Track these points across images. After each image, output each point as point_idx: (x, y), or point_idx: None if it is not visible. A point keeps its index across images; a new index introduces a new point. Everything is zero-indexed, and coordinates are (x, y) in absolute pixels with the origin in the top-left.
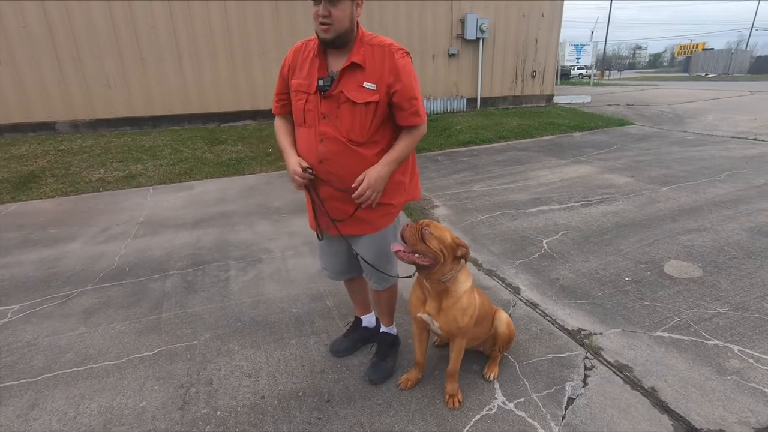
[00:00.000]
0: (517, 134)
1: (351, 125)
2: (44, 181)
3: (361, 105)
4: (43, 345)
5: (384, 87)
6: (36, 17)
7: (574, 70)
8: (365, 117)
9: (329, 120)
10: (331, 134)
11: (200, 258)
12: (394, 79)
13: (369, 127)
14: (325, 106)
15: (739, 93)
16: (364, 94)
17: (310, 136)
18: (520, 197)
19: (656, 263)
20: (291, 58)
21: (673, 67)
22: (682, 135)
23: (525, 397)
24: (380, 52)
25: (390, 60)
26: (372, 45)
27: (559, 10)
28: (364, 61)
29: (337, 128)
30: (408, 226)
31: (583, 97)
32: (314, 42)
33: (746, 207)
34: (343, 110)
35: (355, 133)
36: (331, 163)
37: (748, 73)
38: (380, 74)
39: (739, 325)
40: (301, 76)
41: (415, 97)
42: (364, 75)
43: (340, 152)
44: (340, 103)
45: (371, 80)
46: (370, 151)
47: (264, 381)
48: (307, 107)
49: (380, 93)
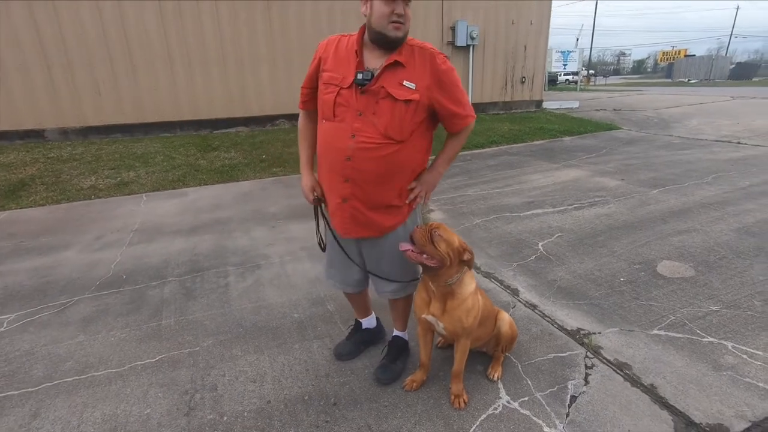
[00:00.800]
0: (508, 139)
1: (390, 121)
2: (34, 189)
3: (401, 102)
4: (42, 354)
5: (423, 89)
6: (24, 23)
7: (561, 76)
8: (405, 114)
9: (365, 117)
10: (366, 131)
11: (198, 265)
12: (438, 86)
13: (408, 125)
14: (362, 102)
15: (720, 98)
16: (404, 91)
17: (341, 130)
18: (514, 201)
19: (649, 264)
20: (323, 50)
21: (656, 73)
22: (669, 139)
23: (529, 396)
24: (420, 54)
25: (432, 63)
26: (412, 46)
27: (547, 18)
28: (406, 61)
29: (373, 125)
30: (419, 228)
31: (572, 103)
32: (352, 38)
33: (733, 208)
34: (382, 106)
35: (393, 130)
36: (361, 161)
37: (728, 78)
38: (420, 75)
39: (732, 323)
40: (334, 68)
41: (461, 102)
42: (405, 73)
43: (374, 149)
44: (379, 98)
45: (411, 80)
46: (405, 150)
47: (269, 385)
48: (338, 101)
49: (420, 93)
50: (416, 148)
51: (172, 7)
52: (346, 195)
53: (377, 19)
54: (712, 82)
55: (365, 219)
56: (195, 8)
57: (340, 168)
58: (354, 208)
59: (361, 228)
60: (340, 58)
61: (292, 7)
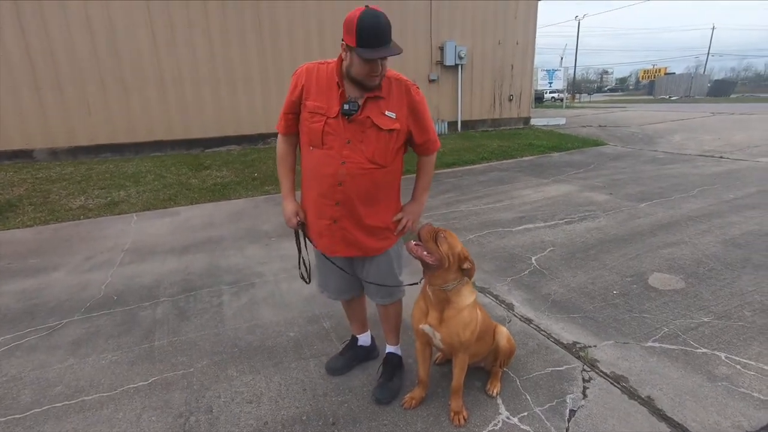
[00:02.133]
0: (498, 155)
1: (375, 149)
2: (22, 209)
3: (385, 131)
4: (29, 379)
5: (403, 118)
6: (15, 44)
7: (547, 93)
8: (389, 141)
9: (353, 144)
10: (355, 158)
11: (191, 284)
12: (413, 115)
13: (391, 151)
14: (350, 131)
15: (701, 114)
16: (387, 121)
17: (330, 158)
18: (506, 216)
19: (641, 276)
20: (304, 79)
21: (638, 90)
22: (654, 154)
23: (528, 411)
24: (398, 86)
25: (408, 95)
26: (389, 78)
27: (532, 38)
28: (386, 92)
29: (361, 152)
30: (427, 226)
31: (558, 119)
32: (330, 67)
33: (719, 221)
34: (369, 135)
35: (379, 156)
36: (351, 185)
37: (707, 95)
38: (399, 106)
39: (724, 333)
40: (318, 98)
41: (431, 129)
42: (385, 104)
43: (363, 174)
44: (365, 128)
45: (392, 109)
46: (388, 173)
47: (266, 406)
48: (326, 130)
49: (400, 122)
50: (396, 169)
51: (164, 27)
52: (336, 216)
53: (356, 72)
54: (692, 99)
55: (353, 238)
56: (187, 29)
57: (331, 193)
58: (343, 228)
59: (349, 247)
60: (321, 87)
61: (283, 27)
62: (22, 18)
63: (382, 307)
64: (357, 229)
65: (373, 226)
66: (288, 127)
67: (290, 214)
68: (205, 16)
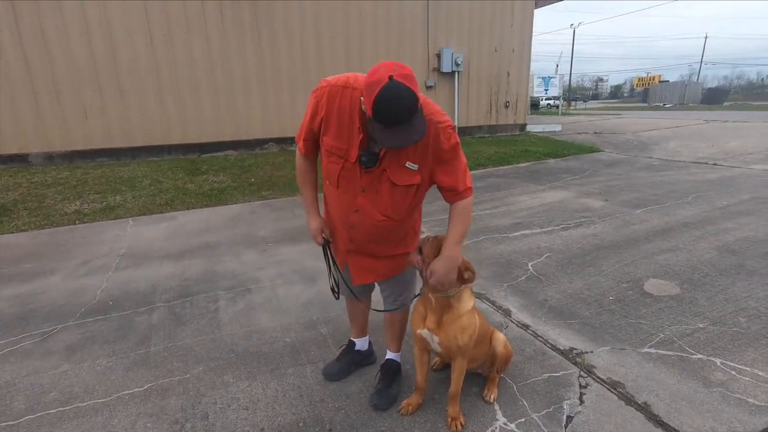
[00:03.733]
0: (494, 161)
1: (390, 204)
2: (16, 214)
3: (402, 187)
4: (23, 385)
5: (426, 169)
6: (12, 48)
7: (542, 100)
8: (405, 197)
9: (368, 194)
10: (368, 208)
11: (187, 289)
12: (440, 165)
13: (408, 207)
14: (366, 181)
15: (695, 121)
16: (406, 175)
17: (344, 202)
18: (503, 222)
19: (636, 282)
20: (325, 108)
21: (633, 97)
22: (649, 161)
23: (525, 417)
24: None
25: (435, 140)
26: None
27: (528, 46)
28: None
29: (375, 203)
30: (430, 240)
31: (554, 126)
32: (355, 102)
33: (713, 227)
34: (384, 188)
35: (392, 211)
36: (362, 232)
37: (700, 102)
38: (423, 154)
39: (719, 339)
40: (337, 138)
41: (459, 179)
42: (408, 154)
43: (374, 225)
44: (381, 181)
45: (415, 160)
46: (404, 223)
47: (262, 412)
48: (342, 173)
49: (422, 174)
50: (413, 218)
51: (162, 32)
52: (351, 249)
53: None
54: (686, 106)
55: (370, 267)
56: (185, 34)
57: (345, 229)
58: (359, 258)
59: (367, 275)
60: (343, 124)
61: (281, 33)
62: (19, 21)
63: (389, 313)
64: (372, 258)
65: (389, 255)
66: (308, 151)
67: (315, 231)
68: (202, 21)
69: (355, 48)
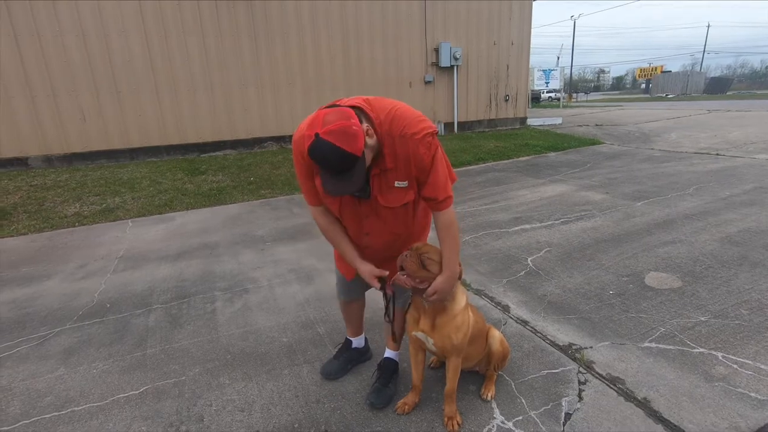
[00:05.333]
0: (494, 156)
1: (394, 223)
2: (16, 217)
3: (399, 207)
4: (19, 390)
5: (413, 181)
6: (8, 51)
7: (543, 93)
8: (406, 214)
9: (371, 219)
10: (376, 230)
11: (184, 291)
12: (423, 174)
13: (411, 219)
14: (365, 209)
15: (697, 111)
16: (398, 196)
17: (353, 229)
18: (502, 217)
19: (637, 275)
20: (300, 160)
21: (635, 89)
22: (650, 152)
23: (523, 415)
24: (403, 145)
25: (415, 155)
26: (393, 137)
27: (527, 38)
28: (393, 161)
29: (381, 225)
30: (408, 256)
31: (555, 119)
32: None
33: (715, 219)
34: (383, 213)
35: (401, 228)
36: (375, 249)
37: (704, 92)
38: (407, 169)
39: (721, 332)
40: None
41: (439, 187)
42: (394, 174)
43: (385, 242)
44: (378, 207)
45: (402, 177)
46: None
47: (258, 414)
48: (342, 209)
49: (413, 187)
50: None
51: (158, 34)
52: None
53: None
54: (689, 97)
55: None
56: (181, 35)
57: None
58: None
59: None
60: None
61: (278, 30)
62: (15, 25)
63: (399, 309)
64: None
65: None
66: (317, 201)
67: (369, 277)
68: (198, 20)
69: (352, 44)
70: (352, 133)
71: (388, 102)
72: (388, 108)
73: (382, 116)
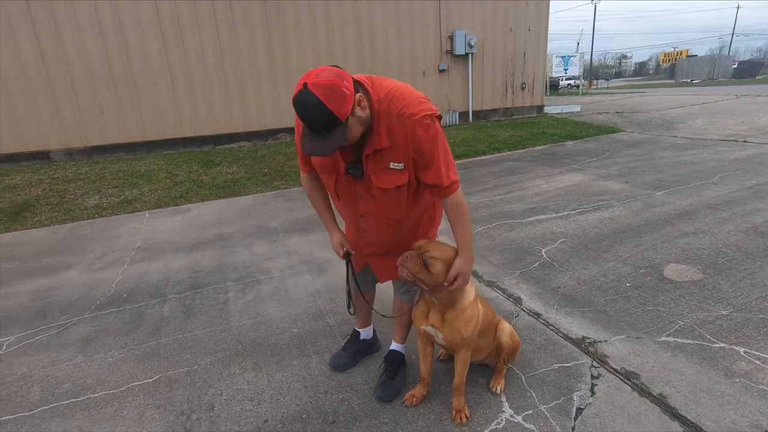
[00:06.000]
0: (509, 145)
1: (387, 207)
2: (39, 209)
3: (392, 189)
4: (39, 377)
5: (410, 163)
6: (29, 48)
7: (562, 81)
8: (399, 198)
9: (366, 200)
10: (372, 213)
11: (198, 281)
12: (420, 157)
13: (405, 204)
14: (360, 189)
15: (724, 97)
16: (392, 177)
17: (349, 210)
18: (516, 207)
19: (656, 268)
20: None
21: (658, 74)
22: (673, 140)
23: (533, 409)
24: (401, 125)
25: (413, 136)
26: (391, 116)
27: (545, 24)
28: (388, 140)
29: (375, 208)
30: (410, 256)
31: (573, 107)
32: None
33: (741, 208)
34: (377, 194)
35: (392, 213)
36: (373, 234)
37: (732, 77)
38: (404, 151)
39: (743, 327)
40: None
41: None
42: (390, 154)
43: (382, 226)
44: (371, 187)
45: (398, 159)
46: (410, 220)
47: (267, 404)
48: (338, 186)
49: (408, 170)
50: (421, 211)
51: (173, 27)
52: (371, 252)
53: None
54: (716, 82)
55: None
56: (195, 28)
57: (361, 239)
58: (380, 259)
59: (391, 271)
60: None
61: (290, 23)
62: (35, 21)
63: (399, 302)
64: (393, 257)
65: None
66: (309, 168)
67: (336, 245)
68: (212, 13)
69: (366, 34)
70: (340, 93)
71: (391, 82)
72: (389, 87)
73: (381, 94)
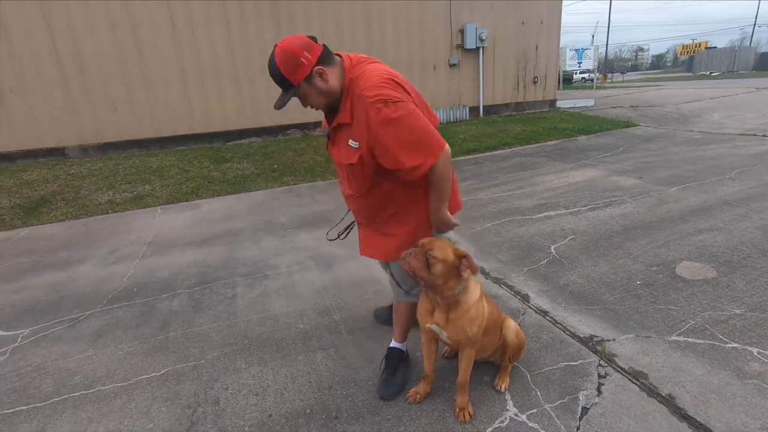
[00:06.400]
0: (521, 140)
1: (348, 179)
2: (55, 205)
3: (346, 165)
4: (52, 369)
5: (365, 146)
6: (45, 45)
7: (576, 74)
8: (354, 173)
9: (338, 168)
10: (342, 180)
11: (207, 276)
12: (376, 142)
13: (362, 182)
14: (335, 156)
15: (744, 90)
16: (348, 153)
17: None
18: (526, 203)
19: (668, 265)
20: None
21: (676, 67)
22: (689, 134)
23: (537, 408)
24: (361, 105)
25: (366, 118)
26: (355, 95)
27: (558, 17)
28: (351, 116)
29: (342, 176)
30: (413, 254)
31: (587, 101)
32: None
33: (758, 205)
34: (336, 166)
35: (355, 186)
36: (348, 201)
37: (753, 69)
38: (360, 131)
39: (758, 327)
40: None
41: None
42: (350, 131)
43: (349, 197)
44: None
45: (355, 137)
46: (375, 198)
47: (271, 399)
48: (328, 149)
49: (362, 150)
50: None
51: (185, 24)
52: (357, 220)
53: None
54: (736, 74)
55: (373, 243)
56: (207, 24)
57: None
58: (364, 231)
59: (371, 250)
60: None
61: (300, 21)
62: (50, 20)
63: (396, 302)
64: (372, 232)
65: (391, 233)
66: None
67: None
68: (223, 11)
69: (376, 28)
70: (296, 62)
71: (371, 64)
72: (364, 68)
73: (356, 74)
